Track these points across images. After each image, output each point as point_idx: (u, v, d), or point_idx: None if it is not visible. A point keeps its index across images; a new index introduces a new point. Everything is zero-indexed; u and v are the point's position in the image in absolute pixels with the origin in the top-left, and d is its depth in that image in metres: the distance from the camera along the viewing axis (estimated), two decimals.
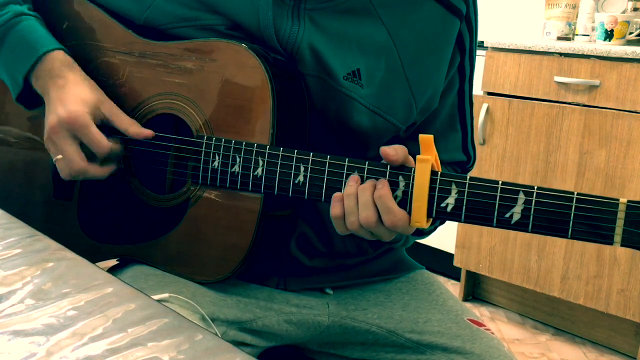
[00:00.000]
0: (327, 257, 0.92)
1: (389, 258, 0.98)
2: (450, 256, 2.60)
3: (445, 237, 2.63)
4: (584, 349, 2.28)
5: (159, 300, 0.60)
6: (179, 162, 0.85)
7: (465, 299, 2.60)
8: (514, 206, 0.68)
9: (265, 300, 0.89)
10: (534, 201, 0.67)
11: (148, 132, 0.85)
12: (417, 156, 0.71)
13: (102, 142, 0.83)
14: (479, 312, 2.53)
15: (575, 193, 0.66)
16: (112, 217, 0.90)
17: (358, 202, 0.73)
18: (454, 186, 0.70)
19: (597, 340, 2.31)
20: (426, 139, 0.70)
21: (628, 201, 0.64)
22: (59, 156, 0.84)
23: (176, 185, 0.86)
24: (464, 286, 2.59)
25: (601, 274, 2.15)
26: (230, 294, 0.86)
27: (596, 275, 2.16)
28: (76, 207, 0.92)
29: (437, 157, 0.72)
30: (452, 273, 2.73)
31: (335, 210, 0.75)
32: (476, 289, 2.64)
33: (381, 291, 0.95)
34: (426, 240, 2.74)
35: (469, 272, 2.56)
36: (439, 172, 0.71)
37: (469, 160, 0.99)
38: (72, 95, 0.83)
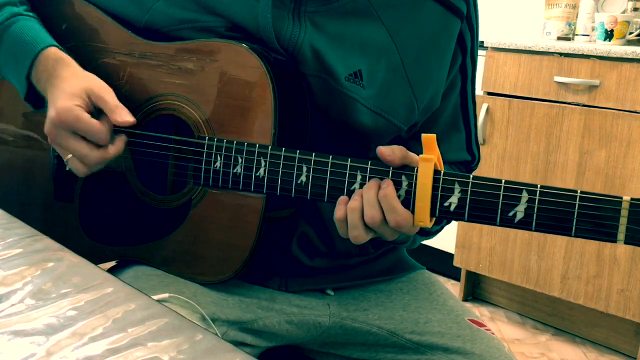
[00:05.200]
0: (328, 257, 0.92)
1: (389, 258, 0.98)
2: (450, 256, 2.60)
3: (445, 237, 2.63)
4: (584, 349, 2.28)
5: (159, 301, 0.60)
6: (181, 163, 0.85)
7: (465, 299, 2.60)
8: (517, 205, 0.68)
9: (266, 301, 0.89)
10: (537, 200, 0.67)
11: (129, 120, 0.81)
12: (420, 155, 0.70)
13: (97, 128, 0.79)
14: (479, 312, 2.52)
15: (579, 191, 0.66)
16: (114, 218, 0.89)
17: (363, 203, 0.73)
18: (457, 185, 0.70)
19: (597, 340, 2.31)
20: (429, 138, 0.70)
21: (631, 199, 0.64)
22: (69, 155, 0.82)
23: (176, 186, 0.86)
24: (464, 286, 2.59)
25: (601, 274, 2.15)
26: (232, 294, 0.86)
27: (596, 275, 2.16)
28: (77, 208, 0.92)
29: (440, 157, 0.72)
30: (452, 273, 2.73)
31: (339, 212, 0.75)
32: (476, 289, 2.64)
33: (382, 291, 0.95)
34: (426, 240, 2.73)
35: (469, 272, 2.56)
36: (442, 172, 0.71)
37: (474, 160, 0.99)
38: (59, 93, 0.82)
